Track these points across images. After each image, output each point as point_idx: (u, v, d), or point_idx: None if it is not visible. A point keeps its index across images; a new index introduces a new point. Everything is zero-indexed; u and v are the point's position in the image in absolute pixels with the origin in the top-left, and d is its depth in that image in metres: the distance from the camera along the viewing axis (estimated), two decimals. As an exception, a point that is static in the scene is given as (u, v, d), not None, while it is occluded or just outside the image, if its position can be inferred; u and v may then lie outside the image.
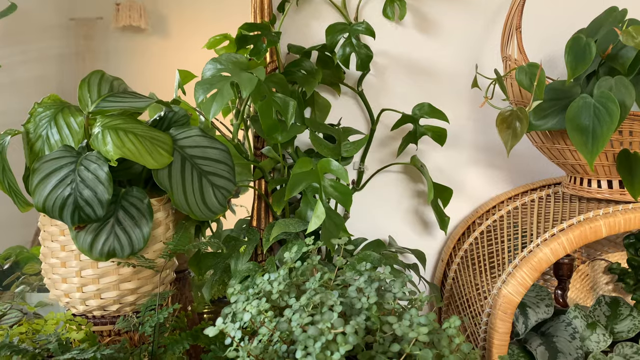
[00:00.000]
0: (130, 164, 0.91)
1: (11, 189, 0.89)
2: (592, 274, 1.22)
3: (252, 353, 0.55)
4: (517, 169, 1.23)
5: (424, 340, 0.56)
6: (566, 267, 1.13)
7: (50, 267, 0.90)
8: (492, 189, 1.24)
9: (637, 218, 0.87)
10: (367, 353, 0.58)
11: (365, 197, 1.22)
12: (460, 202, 1.23)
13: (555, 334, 0.93)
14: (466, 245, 1.15)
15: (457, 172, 1.24)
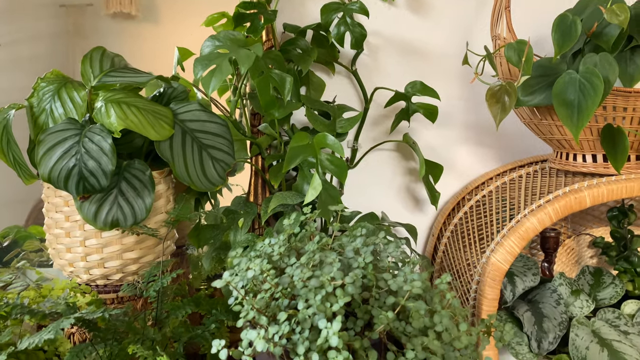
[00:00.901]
0: (131, 138, 0.94)
1: (16, 162, 0.91)
2: (577, 248, 1.27)
3: (256, 306, 0.59)
4: (505, 147, 1.27)
5: (417, 293, 0.59)
6: (552, 240, 1.17)
7: (54, 237, 0.93)
8: (482, 166, 1.28)
9: (619, 189, 0.91)
10: (364, 307, 0.61)
11: (359, 175, 1.25)
12: (450, 179, 1.27)
13: (541, 300, 0.97)
14: (456, 220, 1.19)
15: (448, 149, 1.27)
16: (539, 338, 0.91)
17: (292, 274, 0.61)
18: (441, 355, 0.59)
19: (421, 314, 0.61)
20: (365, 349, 0.56)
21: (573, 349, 0.87)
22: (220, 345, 0.57)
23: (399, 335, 0.61)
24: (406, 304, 0.59)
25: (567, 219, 1.28)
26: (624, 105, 0.92)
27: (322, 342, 0.54)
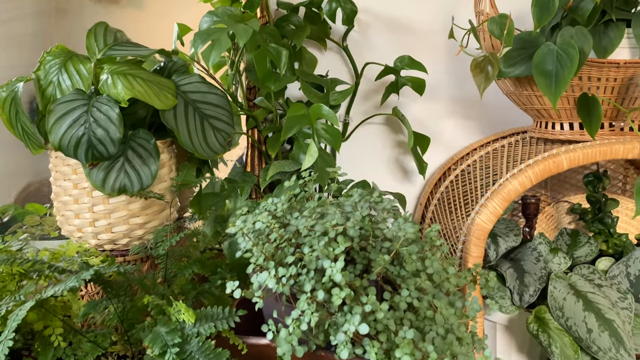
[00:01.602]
0: (135, 110, 0.99)
1: (24, 132, 0.95)
2: (556, 215, 1.34)
3: (265, 252, 0.64)
4: (488, 119, 1.34)
5: (410, 238, 0.65)
6: (533, 206, 1.24)
7: (63, 204, 0.97)
8: (466, 137, 1.34)
9: (594, 152, 0.97)
10: (362, 254, 0.67)
11: (351, 148, 1.31)
12: (437, 151, 1.33)
13: (523, 258, 1.04)
14: (442, 188, 1.26)
15: (434, 122, 1.33)
16: (521, 291, 0.98)
17: (297, 224, 0.67)
18: (432, 295, 0.65)
19: (413, 258, 0.67)
20: (364, 288, 0.62)
21: (551, 300, 0.94)
22: (234, 286, 0.63)
23: (393, 279, 0.67)
24: (400, 248, 0.65)
25: (546, 187, 1.35)
26: (598, 75, 0.99)
27: (327, 281, 0.60)
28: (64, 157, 0.94)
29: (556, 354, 0.92)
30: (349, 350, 0.60)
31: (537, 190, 1.35)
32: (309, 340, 0.64)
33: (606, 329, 0.90)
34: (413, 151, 1.23)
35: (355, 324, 0.57)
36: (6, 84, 0.95)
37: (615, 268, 1.03)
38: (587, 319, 0.91)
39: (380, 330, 0.60)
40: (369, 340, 0.60)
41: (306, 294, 0.60)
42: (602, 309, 0.93)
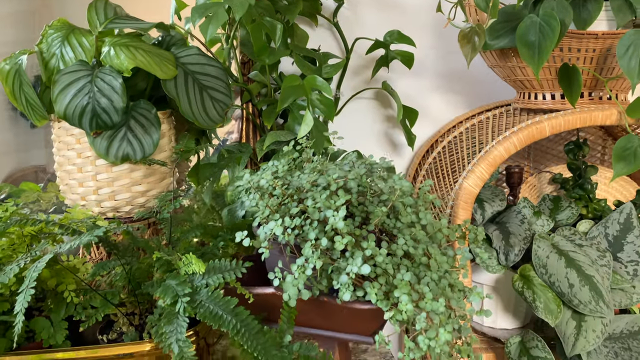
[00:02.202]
0: (135, 82, 1.02)
1: (28, 104, 0.98)
2: (539, 185, 1.40)
3: (270, 205, 0.68)
4: (474, 93, 1.39)
5: (405, 191, 0.70)
6: (516, 175, 1.30)
7: (66, 174, 1.00)
8: (453, 111, 1.39)
9: (574, 119, 1.03)
10: (360, 207, 0.72)
11: (341, 122, 1.35)
12: (424, 124, 1.38)
13: (508, 221, 1.09)
14: (430, 160, 1.31)
15: (422, 96, 1.38)
16: (506, 251, 1.03)
17: (300, 180, 0.71)
18: (425, 243, 0.70)
19: (408, 211, 0.72)
20: (364, 237, 0.67)
21: (535, 258, 1.00)
22: (243, 235, 0.67)
23: (390, 231, 0.72)
24: (396, 201, 0.70)
25: (529, 158, 1.41)
26: (577, 46, 1.04)
27: (329, 229, 0.65)
28: (68, 128, 0.97)
29: (540, 308, 0.97)
30: (351, 293, 0.64)
31: (520, 161, 1.41)
32: (313, 286, 0.69)
33: (586, 283, 0.96)
34: (402, 124, 1.27)
35: (357, 265, 0.61)
36: (9, 57, 0.97)
37: (594, 229, 1.09)
38: (569, 275, 0.97)
39: (380, 274, 0.65)
40: (369, 283, 0.65)
41: (310, 241, 0.65)
42: (583, 266, 0.98)
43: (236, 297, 0.70)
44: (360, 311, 0.69)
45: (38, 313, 0.85)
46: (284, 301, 0.68)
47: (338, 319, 0.72)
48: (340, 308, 0.69)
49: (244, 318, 0.67)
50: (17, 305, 0.63)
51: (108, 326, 0.86)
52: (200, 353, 0.85)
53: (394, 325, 0.65)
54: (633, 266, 1.05)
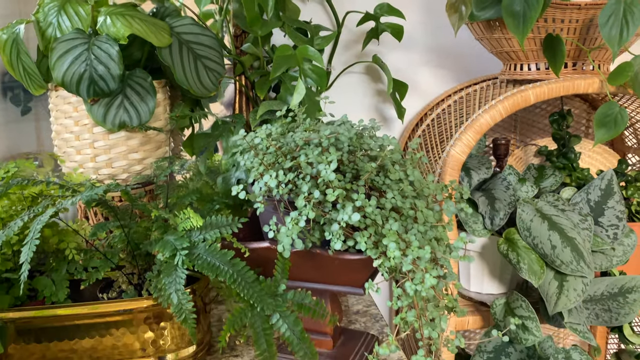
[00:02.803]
0: (130, 52, 1.04)
1: (26, 73, 1.00)
2: (525, 157, 1.44)
3: (265, 161, 0.71)
4: (463, 68, 1.42)
5: (394, 146, 0.73)
6: (503, 147, 1.33)
7: (64, 142, 1.02)
8: (441, 85, 1.42)
9: (558, 87, 1.06)
10: (351, 165, 0.75)
11: (332, 96, 1.38)
12: (414, 98, 1.41)
13: (494, 188, 1.13)
14: (419, 132, 1.34)
15: (412, 71, 1.41)
16: (492, 216, 1.07)
17: (294, 137, 0.74)
18: (412, 198, 0.73)
19: (397, 169, 0.75)
20: (354, 190, 0.70)
21: (520, 222, 1.04)
22: (239, 188, 0.70)
23: (379, 187, 0.75)
24: (385, 158, 0.73)
25: (516, 132, 1.45)
26: (561, 17, 1.07)
27: (321, 182, 0.68)
28: (65, 96, 0.99)
29: (524, 269, 1.01)
30: (342, 243, 0.68)
31: (507, 134, 1.45)
32: (305, 238, 0.72)
33: (568, 245, 1.00)
34: (392, 97, 1.30)
35: (348, 213, 0.65)
36: (6, 26, 0.99)
37: (577, 196, 1.13)
38: (552, 237, 1.01)
39: (369, 224, 0.68)
40: (359, 232, 0.68)
41: (303, 194, 0.68)
42: (565, 229, 1.02)
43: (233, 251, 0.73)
44: (351, 261, 0.72)
45: (39, 274, 0.88)
46: (278, 253, 0.71)
47: (330, 270, 0.75)
48: (332, 259, 0.73)
49: (240, 268, 0.71)
50: (22, 256, 0.66)
51: (108, 286, 0.89)
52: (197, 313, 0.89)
53: (383, 272, 0.68)
54: (613, 230, 1.10)
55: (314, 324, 0.86)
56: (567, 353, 1.00)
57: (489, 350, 1.08)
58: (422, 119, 1.39)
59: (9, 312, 0.79)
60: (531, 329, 1.01)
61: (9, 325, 0.80)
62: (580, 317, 1.02)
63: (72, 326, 0.81)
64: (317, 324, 0.86)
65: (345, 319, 1.04)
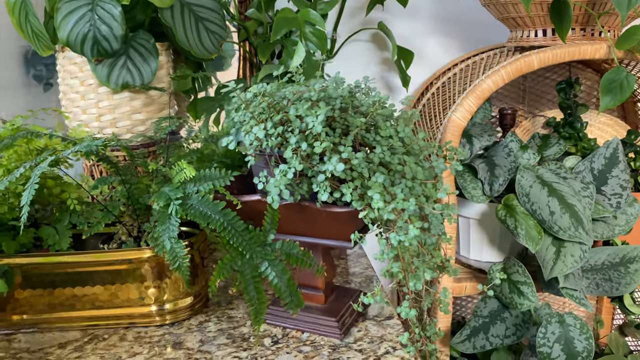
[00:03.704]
0: (134, 14, 1.05)
1: (34, 34, 1.02)
2: (533, 129, 1.42)
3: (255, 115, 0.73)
4: (470, 37, 1.40)
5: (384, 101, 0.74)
6: (509, 117, 1.32)
7: (70, 102, 1.05)
8: (448, 55, 1.41)
9: (563, 53, 1.05)
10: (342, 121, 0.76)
11: (337, 64, 1.38)
12: (420, 68, 1.41)
13: (495, 154, 1.13)
14: (424, 101, 1.34)
15: (418, 40, 1.40)
16: (491, 182, 1.07)
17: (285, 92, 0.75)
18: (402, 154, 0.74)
19: (387, 125, 0.75)
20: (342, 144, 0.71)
21: (518, 187, 1.04)
22: (229, 140, 0.71)
23: (370, 144, 0.76)
24: (375, 114, 0.74)
25: (524, 103, 1.43)
26: (568, -20, 1.06)
27: (309, 134, 0.69)
28: (71, 57, 1.01)
29: (522, 235, 1.01)
30: (328, 194, 0.69)
31: (515, 105, 1.43)
32: (294, 191, 0.73)
33: (567, 211, 1.00)
34: (397, 64, 1.30)
35: (333, 164, 0.66)
36: (14, -13, 1.01)
37: (580, 164, 1.12)
38: (550, 204, 1.01)
39: (356, 177, 0.69)
40: (346, 184, 0.69)
41: (291, 146, 0.69)
42: (565, 196, 1.02)
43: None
44: (338, 214, 0.73)
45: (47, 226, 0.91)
46: (267, 204, 0.73)
47: (319, 223, 0.76)
48: (320, 212, 0.74)
49: (230, 218, 0.72)
50: (22, 199, 0.68)
51: (109, 239, 0.92)
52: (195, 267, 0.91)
53: (368, 223, 0.69)
54: (617, 199, 1.09)
55: (307, 278, 0.88)
56: (561, 317, 1.00)
57: (484, 315, 1.09)
58: (427, 88, 1.39)
59: (15, 258, 0.83)
60: (527, 294, 1.01)
61: (15, 270, 0.83)
62: (577, 283, 1.02)
63: (74, 274, 0.84)
64: (310, 279, 0.88)
65: (341, 279, 1.06)
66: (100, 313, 0.86)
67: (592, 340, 0.97)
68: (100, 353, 0.79)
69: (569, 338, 0.98)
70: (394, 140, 0.74)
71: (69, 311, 0.86)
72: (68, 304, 0.86)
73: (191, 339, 0.83)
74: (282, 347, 0.81)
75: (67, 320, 0.86)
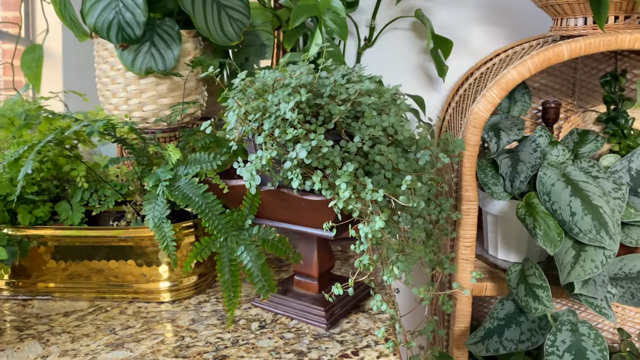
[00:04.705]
0: (165, 2, 1.10)
1: (72, 21, 1.09)
2: (583, 124, 1.33)
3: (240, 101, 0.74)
4: (518, 26, 1.33)
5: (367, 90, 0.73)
6: (552, 111, 1.24)
7: (103, 85, 1.12)
8: (493, 44, 1.35)
9: (597, 42, 0.97)
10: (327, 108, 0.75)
11: (376, 53, 1.36)
12: (463, 58, 1.35)
13: (521, 150, 1.06)
14: (461, 92, 1.29)
15: (461, 28, 1.35)
16: (512, 178, 1.01)
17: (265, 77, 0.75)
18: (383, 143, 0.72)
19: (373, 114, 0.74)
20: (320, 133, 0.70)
21: (539, 185, 0.97)
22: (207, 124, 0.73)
23: (353, 133, 0.75)
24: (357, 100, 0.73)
25: (574, 96, 1.34)
26: (610, -36, 0.97)
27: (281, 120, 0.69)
28: (103, 42, 1.08)
29: (540, 235, 0.96)
30: (299, 181, 0.69)
31: (563, 98, 1.34)
32: (273, 177, 0.74)
33: (590, 212, 0.92)
34: (432, 53, 1.26)
35: (297, 151, 0.66)
36: (55, -23, 1.09)
37: (618, 164, 1.04)
38: (572, 204, 0.94)
39: (327, 165, 0.69)
40: (316, 172, 0.69)
41: (265, 131, 0.70)
42: (591, 196, 0.94)
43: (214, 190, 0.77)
44: (315, 203, 0.73)
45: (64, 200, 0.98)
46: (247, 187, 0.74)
47: (300, 211, 0.76)
48: (299, 200, 0.74)
49: (209, 201, 0.74)
50: (20, 174, 0.74)
51: (121, 217, 0.98)
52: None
53: (337, 213, 0.69)
54: (656, 203, 0.99)
55: (302, 266, 0.88)
56: (574, 326, 0.93)
57: (500, 317, 1.04)
58: (467, 78, 1.33)
59: (32, 230, 0.90)
60: (542, 298, 0.96)
61: (32, 241, 0.91)
62: (598, 291, 0.94)
63: (87, 247, 0.90)
64: (305, 267, 0.88)
65: (346, 270, 1.05)
66: (108, 287, 0.92)
67: (607, 352, 0.90)
68: (97, 324, 0.85)
69: (581, 348, 0.91)
70: (376, 129, 0.72)
71: (82, 283, 0.92)
72: (82, 275, 0.92)
73: (184, 317, 0.87)
74: (267, 332, 0.82)
75: (79, 291, 0.93)
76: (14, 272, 0.93)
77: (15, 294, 0.94)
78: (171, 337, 0.81)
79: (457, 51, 1.34)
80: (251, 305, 0.91)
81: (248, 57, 1.29)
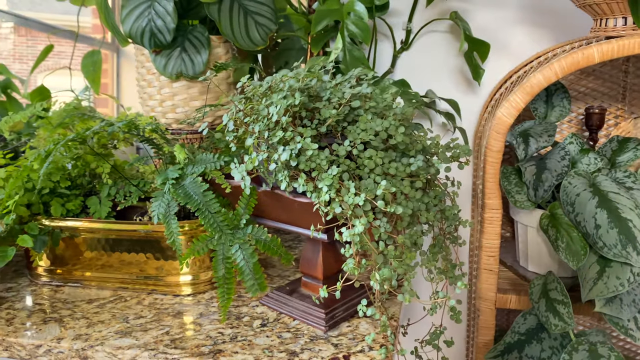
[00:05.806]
0: (198, 11, 1.15)
1: (114, 28, 1.17)
2: (635, 132, 1.24)
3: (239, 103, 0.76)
4: (563, 28, 1.26)
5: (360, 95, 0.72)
6: (596, 117, 1.17)
7: (141, 88, 1.18)
8: (534, 47, 1.29)
9: (631, 44, 0.91)
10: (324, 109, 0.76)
11: (412, 56, 1.35)
12: (502, 60, 1.31)
13: (550, 157, 1.01)
14: (497, 95, 1.24)
15: (502, 30, 1.30)
16: (536, 186, 0.97)
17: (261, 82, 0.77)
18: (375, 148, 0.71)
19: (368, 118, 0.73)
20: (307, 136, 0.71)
21: (563, 195, 0.92)
22: (203, 126, 0.76)
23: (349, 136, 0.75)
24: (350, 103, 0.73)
25: (624, 101, 1.25)
26: (649, -40, 0.91)
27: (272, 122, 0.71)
28: (141, 48, 1.14)
29: (562, 248, 0.91)
30: (287, 182, 0.70)
31: (613, 104, 1.26)
32: (267, 179, 0.76)
33: (616, 226, 0.87)
34: (466, 56, 1.23)
35: (279, 153, 0.67)
36: (100, -13, 1.17)
37: (658, 174, 0.96)
38: (598, 216, 0.88)
39: (314, 167, 0.69)
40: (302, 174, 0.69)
41: (255, 134, 0.71)
42: (620, 209, 0.89)
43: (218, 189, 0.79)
44: (306, 205, 0.74)
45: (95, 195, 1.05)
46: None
47: (295, 212, 0.78)
48: (292, 201, 0.75)
49: (208, 200, 0.77)
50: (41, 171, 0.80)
51: (145, 213, 1.03)
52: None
53: (323, 216, 0.69)
54: (699, 218, 0.91)
55: (307, 267, 0.89)
56: (593, 346, 0.88)
57: (521, 332, 0.99)
58: (505, 82, 1.28)
59: (62, 221, 0.97)
60: (562, 315, 0.91)
61: (63, 232, 0.98)
62: (624, 311, 0.88)
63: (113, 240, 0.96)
64: (310, 268, 0.89)
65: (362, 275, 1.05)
66: (131, 278, 0.97)
67: (627, 377, 0.84)
68: (114, 312, 0.90)
69: (598, 370, 0.86)
70: (367, 134, 0.72)
71: (110, 273, 0.98)
72: (113, 266, 0.98)
73: (193, 311, 0.90)
74: (266, 331, 0.84)
75: (106, 280, 0.99)
76: (54, 260, 1.00)
77: (51, 279, 1.02)
78: (176, 329, 0.84)
79: (496, 54, 1.30)
80: (258, 303, 0.93)
81: (287, 61, 1.32)
